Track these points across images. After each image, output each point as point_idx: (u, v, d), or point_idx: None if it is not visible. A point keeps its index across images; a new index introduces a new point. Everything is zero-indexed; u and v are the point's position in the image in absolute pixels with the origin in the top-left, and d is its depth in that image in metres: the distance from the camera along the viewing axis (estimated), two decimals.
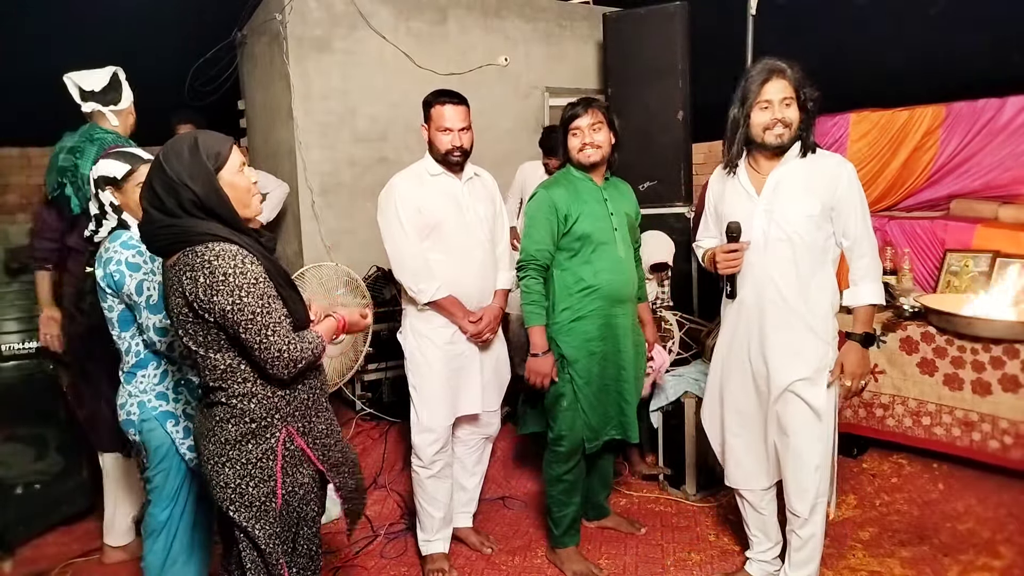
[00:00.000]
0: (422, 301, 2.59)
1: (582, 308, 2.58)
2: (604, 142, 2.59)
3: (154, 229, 1.69)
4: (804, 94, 2.19)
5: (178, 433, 2.18)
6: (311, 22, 3.89)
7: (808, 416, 2.26)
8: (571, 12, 4.74)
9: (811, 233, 2.21)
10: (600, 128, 2.58)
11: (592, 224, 2.57)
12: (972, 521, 2.81)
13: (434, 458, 2.70)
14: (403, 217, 2.56)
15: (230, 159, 1.72)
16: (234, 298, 1.62)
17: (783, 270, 2.23)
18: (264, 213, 3.96)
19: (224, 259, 1.62)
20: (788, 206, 2.21)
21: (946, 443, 3.02)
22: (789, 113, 2.18)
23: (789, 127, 2.19)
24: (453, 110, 2.57)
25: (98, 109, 2.87)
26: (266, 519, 1.75)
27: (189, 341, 1.71)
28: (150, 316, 2.12)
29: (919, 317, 3.09)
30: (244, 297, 1.63)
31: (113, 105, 2.88)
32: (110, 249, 2.15)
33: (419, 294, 2.59)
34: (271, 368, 1.69)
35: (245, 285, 1.63)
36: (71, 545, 3.07)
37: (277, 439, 1.75)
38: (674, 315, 3.48)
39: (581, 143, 2.57)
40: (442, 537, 2.79)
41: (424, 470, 2.72)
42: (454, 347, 2.66)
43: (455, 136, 2.56)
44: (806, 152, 2.23)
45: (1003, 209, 3.42)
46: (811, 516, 2.31)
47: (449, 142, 2.56)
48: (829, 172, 2.21)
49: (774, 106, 2.18)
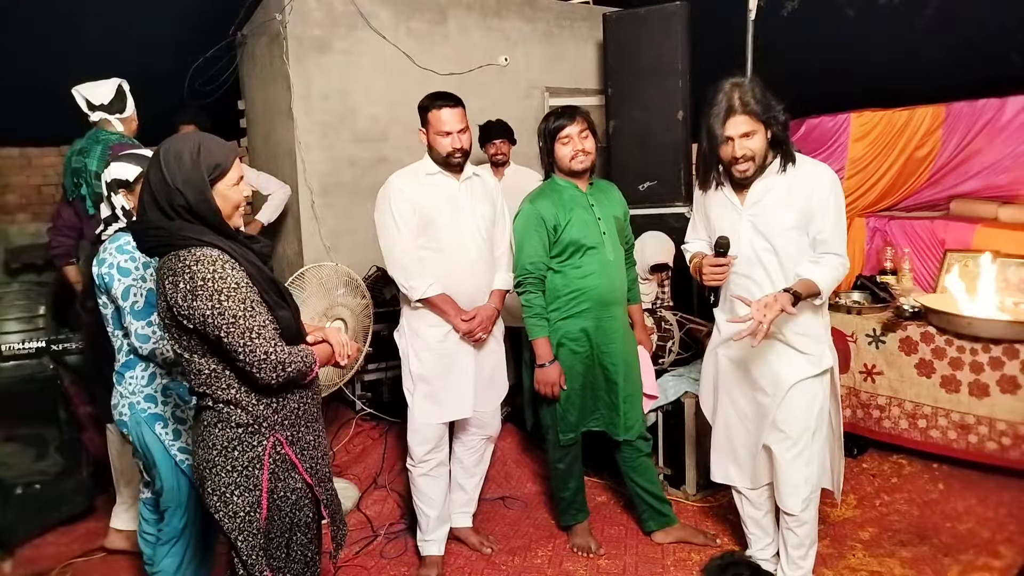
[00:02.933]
0: (414, 298, 2.61)
1: (571, 310, 2.66)
2: (592, 148, 2.67)
3: (143, 229, 1.69)
4: (769, 118, 2.18)
5: (167, 436, 2.20)
6: (311, 22, 3.88)
7: (801, 415, 2.28)
8: (571, 12, 4.74)
9: (795, 242, 2.24)
10: (587, 135, 2.65)
11: (580, 230, 2.63)
12: (972, 521, 2.81)
13: (425, 457, 2.72)
14: (397, 214, 2.58)
15: (229, 173, 1.70)
16: (213, 302, 1.60)
17: (772, 279, 2.26)
18: (266, 214, 3.98)
19: (203, 264, 1.60)
20: (771, 218, 2.24)
21: (942, 445, 3.03)
22: (751, 145, 2.19)
23: (752, 160, 2.21)
24: (451, 113, 2.57)
25: (105, 117, 3.10)
26: (249, 530, 1.71)
27: (175, 344, 1.70)
28: (134, 321, 2.14)
29: (919, 317, 3.09)
30: (224, 301, 1.60)
31: (119, 114, 3.13)
32: (107, 250, 2.18)
33: (410, 291, 2.60)
34: (258, 372, 1.65)
35: (225, 289, 1.61)
36: (71, 545, 3.08)
37: (264, 447, 1.72)
38: (674, 315, 3.48)
39: (573, 151, 2.63)
40: (437, 538, 2.79)
41: (415, 468, 2.75)
42: (446, 346, 2.67)
43: (455, 138, 2.57)
44: (786, 165, 2.23)
45: (1003, 209, 3.42)
46: (803, 514, 2.32)
47: (450, 144, 2.57)
48: (808, 181, 2.22)
49: (735, 143, 2.19)
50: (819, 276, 2.16)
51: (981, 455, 2.92)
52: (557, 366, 2.65)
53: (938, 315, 3.00)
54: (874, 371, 3.19)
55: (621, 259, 2.75)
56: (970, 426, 2.94)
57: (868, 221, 3.84)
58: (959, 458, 3.01)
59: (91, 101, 3.07)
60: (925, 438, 3.07)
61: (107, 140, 3.04)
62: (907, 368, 3.09)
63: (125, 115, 3.13)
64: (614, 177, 3.87)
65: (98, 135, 3.07)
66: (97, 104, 3.07)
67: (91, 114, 3.09)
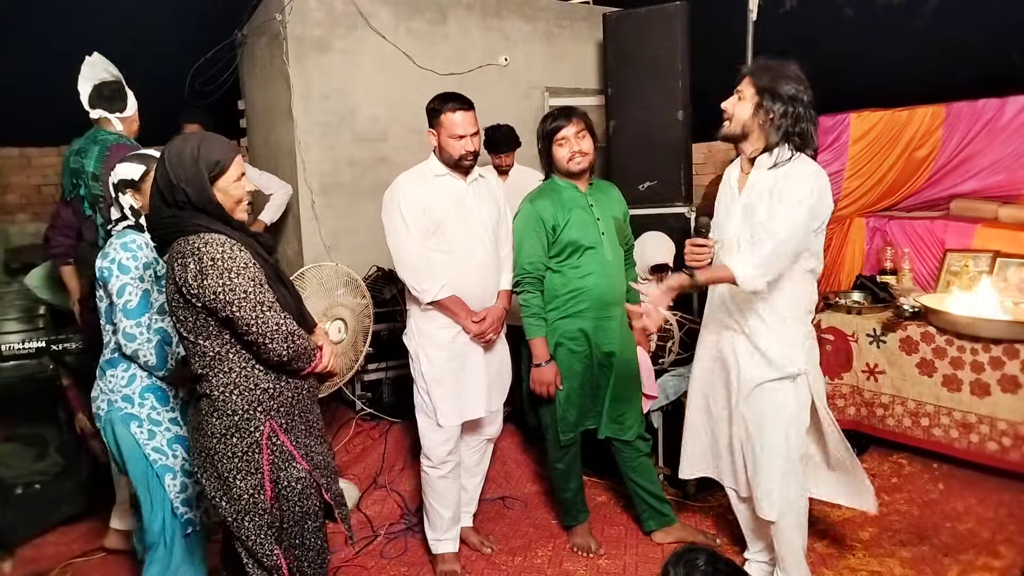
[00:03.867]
0: (425, 301, 2.59)
1: (569, 309, 2.67)
2: (590, 149, 2.67)
3: (158, 220, 1.77)
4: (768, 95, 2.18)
5: (142, 435, 2.21)
6: (311, 22, 3.88)
7: (772, 418, 2.27)
8: (571, 12, 4.74)
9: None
10: (584, 136, 2.65)
11: (579, 231, 2.63)
12: (972, 521, 2.81)
13: (446, 458, 2.71)
14: (407, 216, 2.56)
15: (229, 170, 1.77)
16: (224, 280, 1.67)
17: None
18: (268, 214, 3.98)
19: (213, 246, 1.68)
20: (755, 211, 2.24)
21: (944, 444, 3.03)
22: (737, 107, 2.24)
23: (730, 121, 2.25)
24: (464, 116, 2.56)
25: (104, 116, 3.06)
26: (255, 511, 1.76)
27: (180, 327, 1.76)
28: (124, 319, 2.16)
29: (919, 317, 3.09)
30: (234, 278, 1.68)
31: (119, 112, 3.09)
32: (112, 245, 2.21)
33: (422, 294, 2.59)
34: (270, 342, 1.72)
35: (235, 268, 1.68)
36: (71, 545, 3.08)
37: (261, 432, 1.77)
38: (674, 315, 3.48)
39: (570, 152, 2.64)
40: (451, 536, 2.80)
41: (435, 470, 2.73)
42: (456, 347, 2.66)
43: (468, 141, 2.56)
44: (777, 161, 2.21)
45: (1003, 209, 3.42)
46: (782, 522, 2.29)
47: (462, 147, 2.56)
48: (787, 184, 2.18)
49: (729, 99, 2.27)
50: (737, 263, 2.13)
51: (983, 455, 2.92)
52: (553, 366, 2.65)
53: (938, 315, 3.00)
54: (876, 370, 3.19)
55: (620, 259, 2.75)
56: (972, 425, 2.94)
57: (868, 221, 3.84)
58: (961, 457, 3.01)
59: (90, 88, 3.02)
60: (928, 436, 3.07)
61: (105, 140, 3.01)
62: (908, 367, 3.09)
63: (126, 115, 3.10)
64: (614, 177, 3.87)
65: (96, 135, 3.04)
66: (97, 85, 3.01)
67: (91, 111, 3.06)
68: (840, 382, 3.32)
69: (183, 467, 2.25)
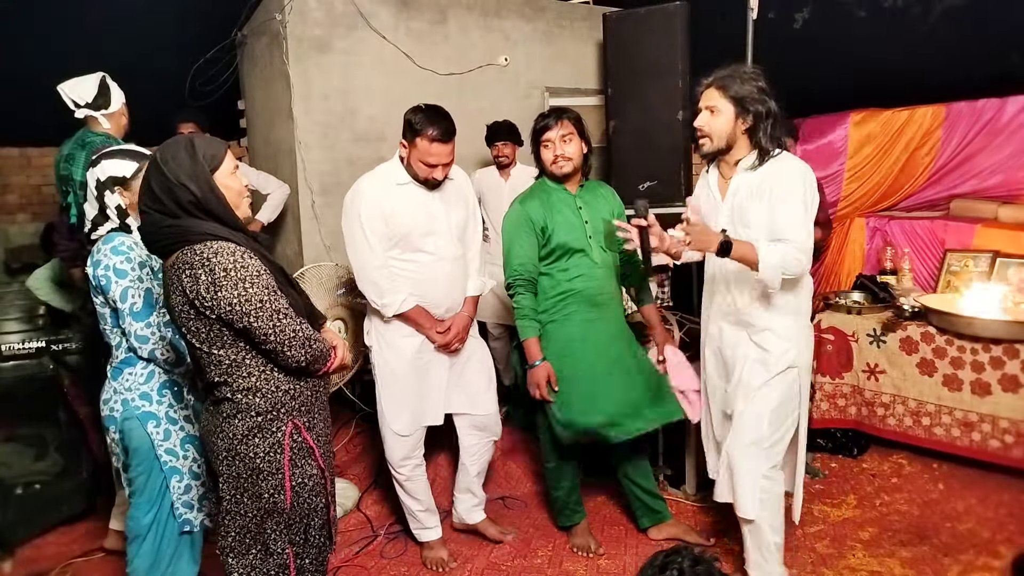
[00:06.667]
0: (387, 315, 2.57)
1: (558, 311, 2.65)
2: (575, 153, 2.62)
3: (155, 230, 1.72)
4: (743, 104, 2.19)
5: (158, 435, 2.19)
6: (311, 22, 3.88)
7: (752, 417, 2.28)
8: (571, 12, 4.74)
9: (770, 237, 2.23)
10: (571, 139, 2.60)
11: (567, 234, 2.62)
12: (972, 521, 2.81)
13: (402, 463, 2.72)
14: (367, 227, 2.50)
15: (224, 162, 1.76)
16: (239, 291, 1.65)
17: (746, 274, 2.27)
18: (265, 214, 3.98)
19: (223, 256, 1.65)
20: (747, 213, 2.25)
21: (946, 443, 3.03)
22: (712, 121, 2.24)
23: (709, 137, 2.26)
24: (440, 148, 2.45)
25: (90, 115, 3.00)
26: (275, 511, 1.78)
27: (192, 338, 1.73)
28: (133, 323, 2.13)
29: (919, 317, 3.09)
30: (249, 288, 1.66)
31: (104, 109, 3.01)
32: (101, 251, 2.16)
33: (384, 308, 2.55)
34: (288, 349, 1.71)
35: (248, 277, 1.67)
36: (71, 545, 3.08)
37: (284, 432, 1.77)
38: (674, 315, 3.48)
39: (553, 155, 2.61)
40: (433, 524, 2.82)
41: (397, 474, 2.75)
42: (421, 356, 2.65)
43: (438, 170, 2.50)
44: (761, 161, 2.23)
45: (1003, 209, 3.42)
46: (756, 520, 2.28)
47: (430, 173, 2.51)
48: (775, 176, 2.21)
49: (700, 115, 2.28)
50: (764, 250, 2.13)
51: (984, 453, 2.92)
52: (545, 366, 2.62)
53: (938, 315, 3.00)
54: (877, 370, 3.19)
55: (609, 261, 2.72)
56: (973, 424, 2.94)
57: (868, 221, 3.85)
58: (963, 456, 3.01)
59: (74, 99, 2.96)
60: (929, 435, 3.07)
61: (91, 144, 2.93)
62: (909, 367, 3.10)
63: (111, 110, 3.00)
64: (614, 177, 3.86)
65: (84, 138, 2.97)
66: (82, 103, 2.96)
67: (76, 111, 2.97)
68: (841, 382, 3.32)
69: (191, 469, 2.25)
